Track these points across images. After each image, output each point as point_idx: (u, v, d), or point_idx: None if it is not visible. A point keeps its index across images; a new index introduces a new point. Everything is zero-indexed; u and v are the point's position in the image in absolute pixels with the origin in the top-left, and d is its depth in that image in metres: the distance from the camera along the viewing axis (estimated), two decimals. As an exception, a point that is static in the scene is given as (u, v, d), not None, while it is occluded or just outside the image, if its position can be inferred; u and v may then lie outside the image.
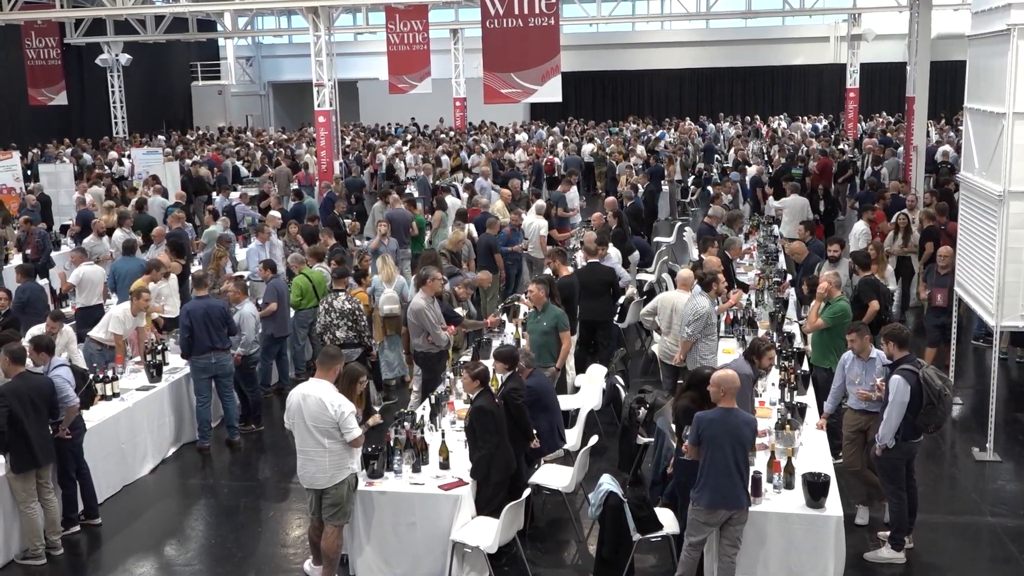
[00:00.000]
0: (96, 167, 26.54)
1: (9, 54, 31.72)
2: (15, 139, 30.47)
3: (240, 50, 45.69)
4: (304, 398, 7.17)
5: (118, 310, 11.01)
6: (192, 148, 31.48)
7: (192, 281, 11.24)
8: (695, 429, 6.91)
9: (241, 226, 17.98)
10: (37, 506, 8.10)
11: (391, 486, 7.66)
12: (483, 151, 27.22)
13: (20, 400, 7.82)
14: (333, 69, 23.59)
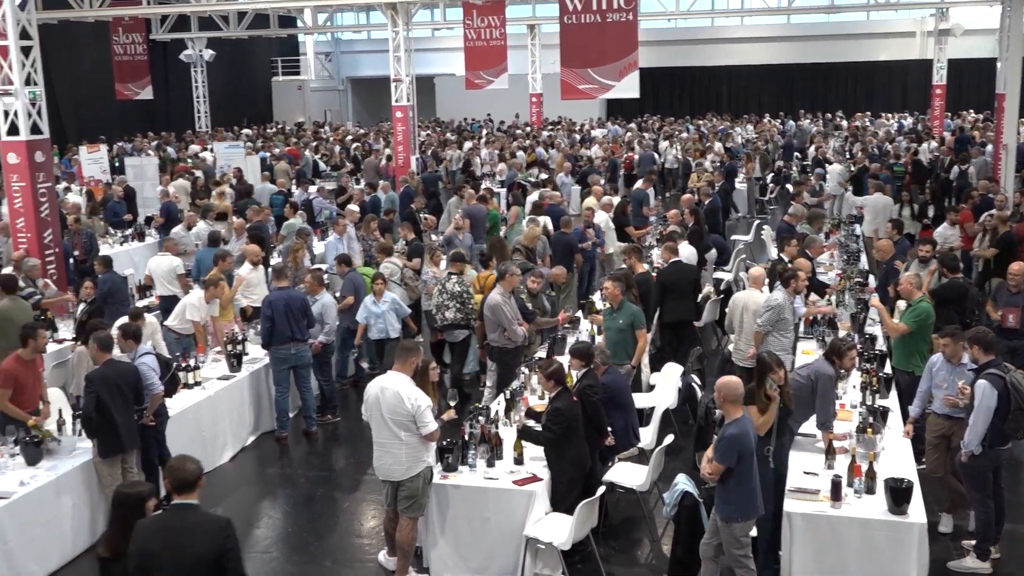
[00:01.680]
0: (180, 160, 27.14)
1: (98, 50, 32.56)
2: (103, 132, 31.30)
3: (319, 46, 46.29)
4: (382, 391, 7.24)
5: (192, 297, 11.27)
6: (272, 142, 31.97)
7: (272, 273, 11.42)
8: (733, 449, 6.59)
9: (319, 219, 18.22)
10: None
11: (465, 480, 7.70)
12: (559, 147, 27.17)
13: (108, 387, 8.04)
14: (411, 65, 23.75)
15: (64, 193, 19.66)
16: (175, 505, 5.30)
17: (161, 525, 5.30)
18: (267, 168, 24.03)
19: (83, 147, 25.23)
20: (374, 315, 11.49)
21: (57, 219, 14.98)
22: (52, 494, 7.94)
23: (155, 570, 5.13)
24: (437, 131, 36.11)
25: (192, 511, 5.30)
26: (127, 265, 15.88)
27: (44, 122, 14.56)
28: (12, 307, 10.51)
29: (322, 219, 18.35)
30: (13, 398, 8.65)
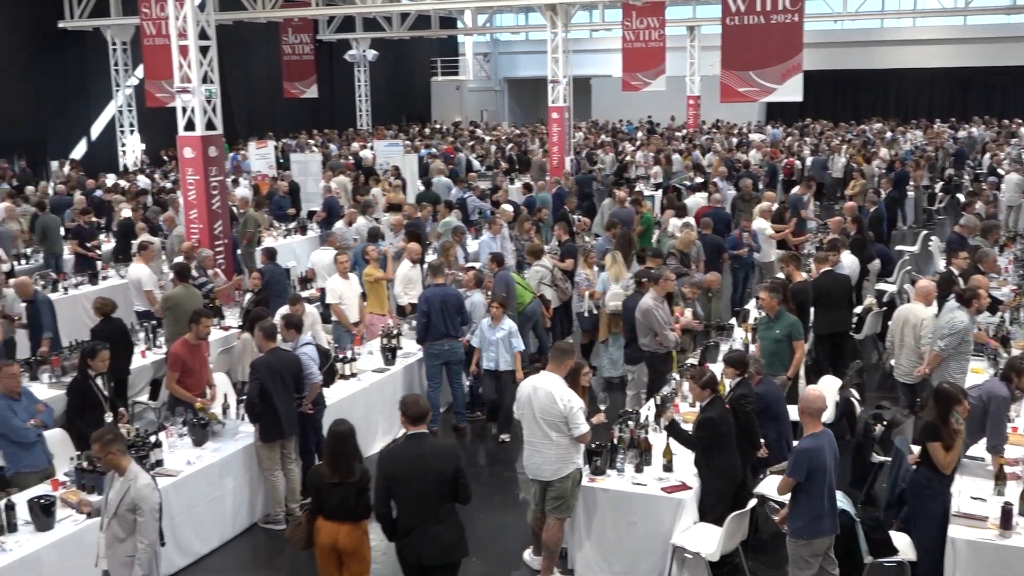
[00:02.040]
0: (341, 156, 27.97)
1: (268, 50, 33.93)
2: (270, 129, 32.60)
3: (478, 46, 46.91)
4: (535, 390, 7.26)
5: (330, 281, 11.60)
6: (429, 140, 32.59)
7: (428, 269, 11.63)
8: (803, 463, 6.41)
9: (472, 218, 18.44)
10: (280, 475, 8.62)
11: (613, 484, 7.64)
12: (716, 150, 26.72)
13: (271, 374, 8.34)
14: (568, 66, 23.79)
15: (233, 187, 20.53)
16: (411, 435, 6.34)
17: (403, 452, 6.34)
18: (425, 167, 24.52)
19: (252, 143, 26.34)
20: (488, 342, 10.55)
21: (227, 211, 15.66)
22: (216, 474, 8.30)
23: (401, 488, 6.25)
24: (592, 133, 36.07)
25: (427, 438, 6.41)
26: (289, 258, 16.47)
27: (218, 118, 15.23)
28: (184, 294, 11.05)
29: (475, 217, 18.58)
30: (181, 380, 9.11)
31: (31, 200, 18.27)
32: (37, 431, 7.89)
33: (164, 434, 8.47)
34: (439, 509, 6.26)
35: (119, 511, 6.02)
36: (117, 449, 6.11)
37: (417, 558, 6.32)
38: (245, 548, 8.56)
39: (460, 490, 6.30)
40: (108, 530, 6.11)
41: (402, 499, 6.29)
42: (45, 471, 7.89)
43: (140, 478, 6.10)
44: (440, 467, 6.23)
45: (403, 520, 6.31)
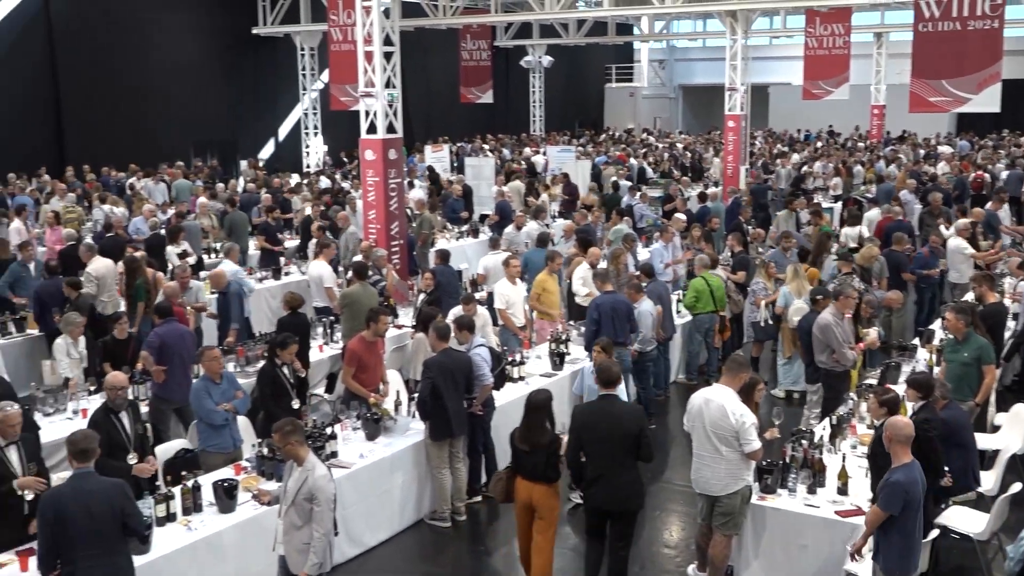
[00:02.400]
0: (514, 161, 28.30)
1: (446, 56, 34.68)
2: (446, 133, 33.31)
3: (654, 53, 46.58)
4: (706, 403, 7.12)
5: (498, 286, 11.68)
6: (604, 147, 32.57)
7: (594, 277, 11.60)
8: (898, 496, 6.11)
9: (639, 225, 18.30)
10: (448, 473, 8.75)
11: (784, 504, 7.40)
12: (902, 162, 25.60)
13: (443, 374, 8.49)
14: (747, 73, 23.32)
15: (408, 189, 21.06)
16: (603, 395, 7.31)
17: (596, 409, 7.31)
18: (596, 173, 24.52)
19: (428, 146, 26.98)
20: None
21: (403, 212, 16.07)
22: (387, 469, 8.52)
23: (591, 441, 7.09)
24: (769, 141, 35.22)
25: (617, 400, 7.34)
26: (461, 260, 16.76)
27: (399, 122, 15.65)
28: (361, 292, 11.40)
29: (644, 225, 18.43)
30: (356, 376, 9.39)
31: (221, 197, 19.22)
32: (226, 415, 8.29)
33: (339, 427, 8.74)
34: (623, 463, 7.06)
35: (297, 500, 6.23)
36: (296, 440, 6.32)
37: (600, 503, 7.21)
38: (411, 543, 8.74)
39: (643, 448, 7.12)
40: (286, 517, 6.33)
41: (591, 451, 7.11)
42: (231, 454, 8.29)
43: (317, 469, 6.29)
44: (627, 425, 7.10)
45: (590, 470, 7.13)
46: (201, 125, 27.99)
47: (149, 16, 26.05)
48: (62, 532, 5.77)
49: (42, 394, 9.53)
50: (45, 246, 15.69)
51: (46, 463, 7.63)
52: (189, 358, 9.59)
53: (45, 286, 12.15)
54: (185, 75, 27.30)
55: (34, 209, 18.41)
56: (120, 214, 17.28)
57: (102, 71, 24.94)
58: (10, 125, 23.23)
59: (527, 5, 25.71)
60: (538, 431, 7.23)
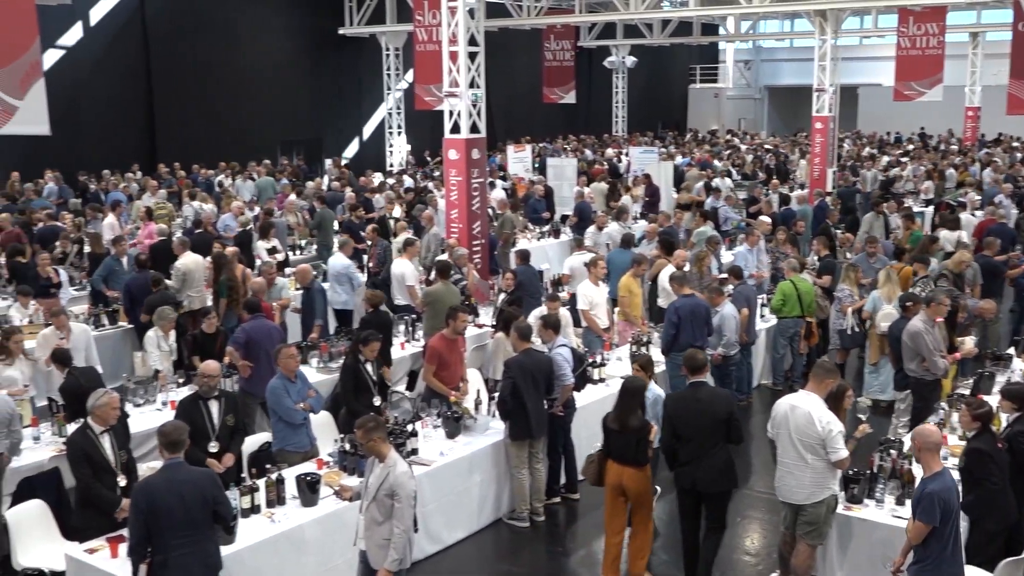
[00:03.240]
0: (596, 163, 28.19)
1: (530, 56, 34.71)
2: (528, 133, 33.34)
3: (739, 53, 46.01)
4: (792, 409, 6.98)
5: (582, 287, 11.63)
6: (688, 149, 32.25)
7: (670, 280, 11.50)
8: (935, 506, 5.99)
9: (723, 228, 18.06)
10: (527, 473, 8.74)
11: (872, 514, 7.23)
12: (997, 166, 24.85)
13: (524, 374, 8.49)
14: (836, 74, 22.86)
15: (490, 189, 21.12)
16: (693, 382, 7.63)
17: (688, 395, 7.64)
18: (679, 175, 24.29)
19: (510, 146, 27.03)
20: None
21: (486, 212, 16.12)
22: (466, 468, 8.54)
23: (683, 425, 7.43)
24: (857, 144, 34.49)
25: (706, 386, 7.70)
26: (543, 260, 16.73)
27: (482, 122, 15.70)
28: (444, 290, 11.47)
29: (727, 227, 18.19)
30: (437, 373, 9.45)
31: (307, 194, 19.52)
32: (304, 414, 8.39)
33: (420, 424, 8.80)
34: (714, 445, 7.36)
35: (378, 496, 6.27)
36: (379, 437, 6.36)
37: (692, 484, 7.45)
38: (489, 542, 8.75)
39: (732, 431, 7.42)
40: (367, 513, 6.38)
41: (684, 435, 7.42)
42: (307, 453, 8.38)
43: (399, 465, 6.33)
44: (717, 410, 7.41)
45: (683, 453, 7.44)
46: (288, 124, 28.51)
47: (239, 17, 26.62)
48: (155, 521, 5.91)
49: (133, 385, 9.79)
50: (137, 241, 16.10)
51: (135, 453, 7.84)
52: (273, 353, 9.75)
53: (135, 280, 12.50)
54: (273, 75, 27.83)
55: (127, 205, 18.94)
56: (209, 211, 17.67)
57: (193, 71, 25.56)
58: (106, 123, 23.95)
59: (612, 5, 25.60)
60: (630, 414, 7.50)
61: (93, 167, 22.33)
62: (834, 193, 20.37)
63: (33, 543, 7.34)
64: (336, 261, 13.35)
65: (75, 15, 23.00)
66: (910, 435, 6.38)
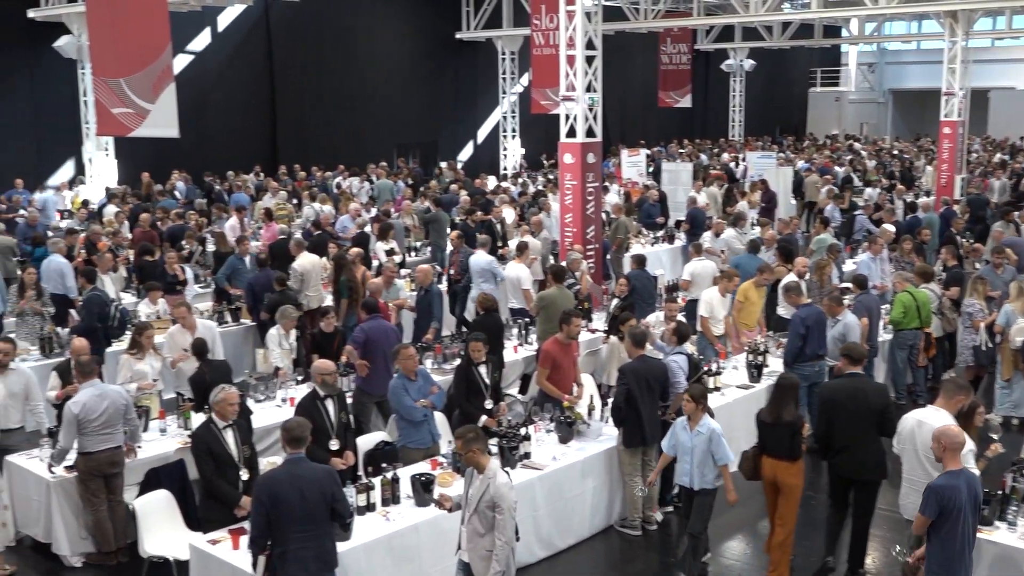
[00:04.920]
0: (711, 167, 27.79)
1: (645, 59, 34.49)
2: (643, 137, 33.11)
3: (863, 56, 44.80)
4: (919, 425, 6.75)
5: (707, 293, 11.44)
6: (807, 153, 31.53)
7: (782, 291, 11.25)
8: (932, 499, 6.14)
9: (856, 236, 17.56)
10: (640, 480, 8.64)
11: (1002, 537, 6.93)
12: None
13: (638, 380, 8.40)
14: (966, 77, 22.03)
15: (604, 193, 21.01)
16: (850, 373, 7.90)
17: (845, 384, 7.86)
18: (799, 181, 23.77)
19: (624, 150, 26.86)
20: (682, 447, 7.92)
21: (600, 216, 16.04)
22: (578, 473, 8.49)
23: (839, 416, 7.64)
24: (988, 150, 33.17)
25: (863, 377, 7.98)
26: (657, 265, 16.56)
27: (598, 126, 15.63)
28: (558, 294, 11.45)
29: (862, 236, 17.67)
30: (550, 377, 9.43)
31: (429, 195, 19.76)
32: (425, 411, 8.49)
33: (532, 428, 8.79)
34: (867, 435, 7.51)
35: (479, 507, 6.21)
36: (477, 448, 6.28)
37: (845, 472, 7.73)
38: (600, 549, 8.69)
39: (886, 423, 7.50)
40: (468, 524, 6.32)
41: (838, 424, 7.64)
42: (429, 449, 8.47)
43: (499, 476, 6.25)
44: (873, 401, 7.62)
45: (837, 442, 7.66)
46: (404, 127, 28.96)
47: (358, 23, 27.15)
48: (276, 514, 6.04)
49: (254, 381, 10.05)
50: (260, 241, 16.55)
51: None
52: (392, 353, 9.88)
53: (257, 278, 12.85)
54: (391, 79, 28.31)
55: (249, 205, 19.51)
56: (328, 212, 18.05)
57: (314, 75, 26.20)
58: (231, 125, 24.75)
59: (731, 8, 25.25)
60: (783, 408, 7.65)
61: (218, 168, 23.08)
62: (963, 201, 19.58)
63: (159, 531, 7.61)
64: (478, 259, 13.62)
65: (204, 21, 23.83)
66: (934, 434, 6.34)
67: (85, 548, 8.21)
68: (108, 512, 8.05)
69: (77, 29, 20.47)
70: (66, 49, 20.80)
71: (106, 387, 8.23)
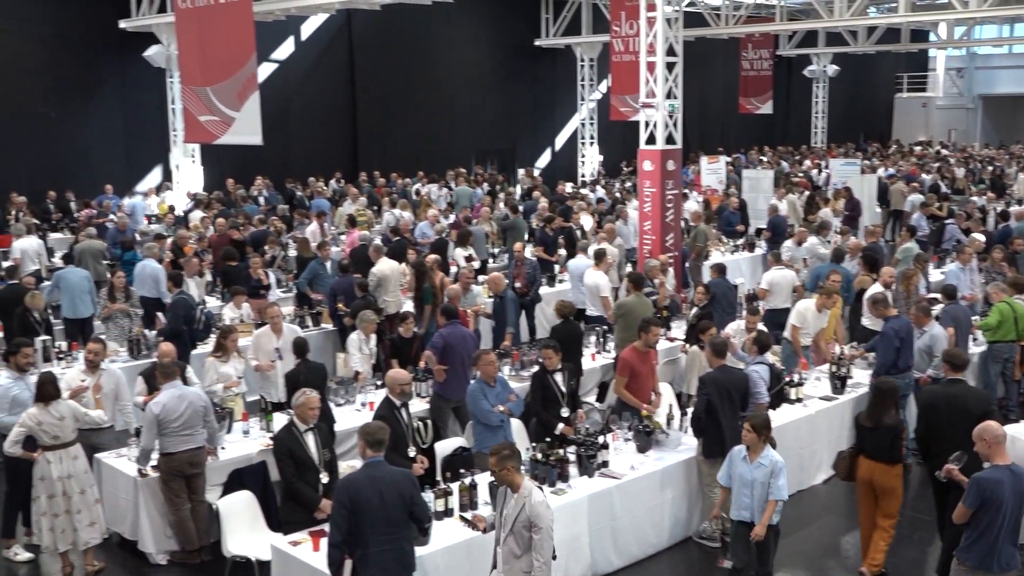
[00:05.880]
0: (793, 175, 27.37)
1: (725, 65, 34.12)
2: (722, 144, 32.75)
3: (951, 60, 43.71)
4: (1013, 441, 6.55)
5: (802, 304, 11.23)
6: (893, 160, 30.86)
7: (867, 303, 11.00)
8: (974, 491, 6.24)
9: (945, 246, 17.12)
10: (719, 492, 8.51)
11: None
12: None
13: (719, 391, 8.30)
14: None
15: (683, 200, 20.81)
16: (951, 379, 8.03)
17: (945, 390, 7.98)
18: (883, 189, 23.28)
19: (703, 157, 26.61)
20: (741, 480, 7.46)
21: (679, 224, 15.90)
22: (657, 483, 8.41)
23: (938, 420, 7.73)
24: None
25: (963, 383, 8.11)
26: (737, 274, 16.36)
27: (678, 133, 15.50)
28: (636, 303, 11.37)
29: (951, 246, 17.22)
30: (628, 385, 9.35)
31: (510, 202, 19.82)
32: (502, 417, 8.49)
33: (610, 437, 8.73)
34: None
35: (515, 528, 6.09)
36: (512, 466, 6.16)
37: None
38: (679, 560, 8.59)
39: None
40: (504, 545, 6.20)
41: (937, 428, 7.69)
42: (505, 456, 8.45)
43: (534, 495, 6.12)
44: (971, 407, 7.59)
45: (935, 445, 7.65)
46: (482, 134, 29.11)
47: (438, 30, 27.35)
48: (356, 516, 6.08)
49: (334, 385, 10.17)
50: (341, 246, 16.76)
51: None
52: (469, 359, 9.89)
53: (339, 283, 13.00)
54: (470, 86, 28.48)
55: (330, 211, 19.78)
56: (407, 218, 18.21)
57: (394, 82, 26.47)
58: (312, 132, 25.16)
59: (814, 13, 24.80)
60: (884, 411, 7.70)
61: (299, 174, 23.45)
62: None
63: (241, 532, 7.74)
64: (577, 263, 13.65)
65: (288, 30, 24.25)
66: (975, 434, 6.42)
67: (170, 546, 8.39)
68: (191, 512, 8.22)
69: (166, 39, 21.01)
70: (155, 58, 21.36)
71: (186, 389, 8.41)
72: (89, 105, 21.90)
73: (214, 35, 17.20)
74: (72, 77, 21.55)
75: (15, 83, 20.73)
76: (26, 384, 8.37)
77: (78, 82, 21.68)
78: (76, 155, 21.68)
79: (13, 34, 20.72)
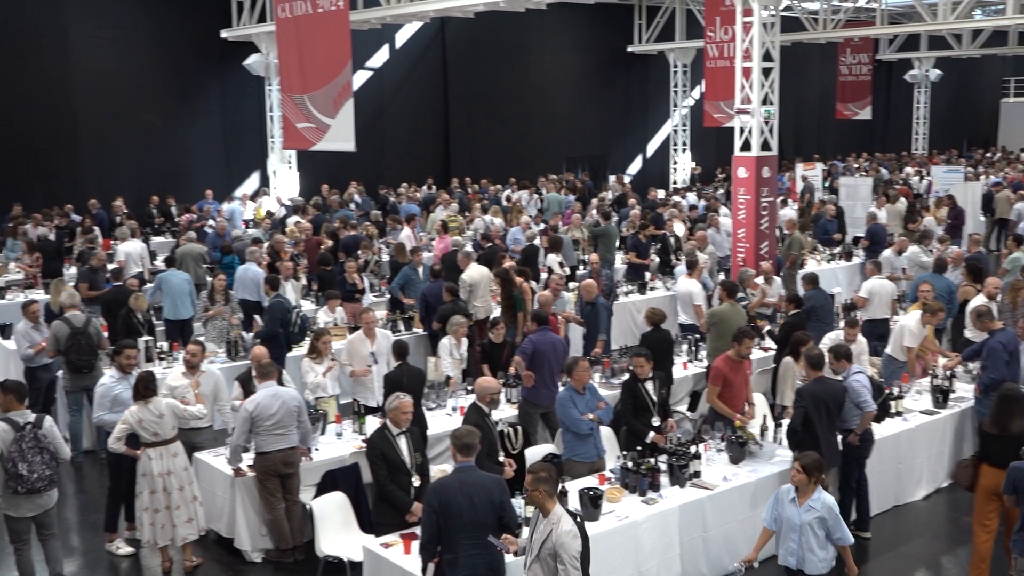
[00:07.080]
0: (893, 182, 26.69)
1: (823, 70, 33.47)
2: (818, 151, 32.12)
3: (1060, 65, 42.12)
4: None
5: (908, 319, 10.91)
6: (999, 167, 29.87)
7: (972, 315, 10.62)
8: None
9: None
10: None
11: None
12: None
13: (816, 403, 8.09)
14: None
15: (780, 207, 20.45)
16: None
17: None
18: (988, 197, 22.54)
19: (799, 164, 26.14)
20: (789, 524, 6.93)
21: (774, 232, 15.62)
22: (750, 495, 8.24)
23: None
24: None
25: None
26: (833, 283, 16.01)
27: (774, 139, 15.24)
28: (730, 311, 11.20)
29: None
30: (721, 395, 9.20)
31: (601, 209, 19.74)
32: (591, 424, 8.44)
33: (702, 447, 8.60)
34: None
35: (541, 554, 5.90)
36: (544, 489, 5.90)
37: None
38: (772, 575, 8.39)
39: None
40: (529, 571, 6.01)
41: None
42: (594, 464, 8.41)
43: (563, 523, 5.89)
44: None
45: None
46: (574, 140, 29.10)
47: (531, 37, 27.48)
48: (446, 520, 6.10)
49: (425, 390, 10.22)
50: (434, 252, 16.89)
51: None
52: (558, 366, 9.86)
53: (430, 288, 13.09)
54: (562, 93, 28.51)
55: (420, 215, 19.97)
56: (498, 224, 18.26)
57: (487, 89, 26.66)
58: (405, 139, 25.48)
59: (917, 16, 24.20)
60: (1010, 419, 7.60)
61: (392, 181, 23.75)
62: None
63: (334, 532, 7.83)
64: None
65: (383, 38, 24.61)
66: None
67: (264, 544, 8.54)
68: (285, 511, 8.36)
69: (266, 48, 21.52)
70: (255, 67, 21.89)
71: (280, 389, 8.53)
72: (191, 113, 22.56)
73: (312, 43, 17.55)
74: (175, 85, 22.23)
75: (122, 91, 21.47)
76: (128, 384, 8.59)
77: (181, 90, 22.35)
78: (178, 161, 22.35)
79: (119, 43, 21.45)
